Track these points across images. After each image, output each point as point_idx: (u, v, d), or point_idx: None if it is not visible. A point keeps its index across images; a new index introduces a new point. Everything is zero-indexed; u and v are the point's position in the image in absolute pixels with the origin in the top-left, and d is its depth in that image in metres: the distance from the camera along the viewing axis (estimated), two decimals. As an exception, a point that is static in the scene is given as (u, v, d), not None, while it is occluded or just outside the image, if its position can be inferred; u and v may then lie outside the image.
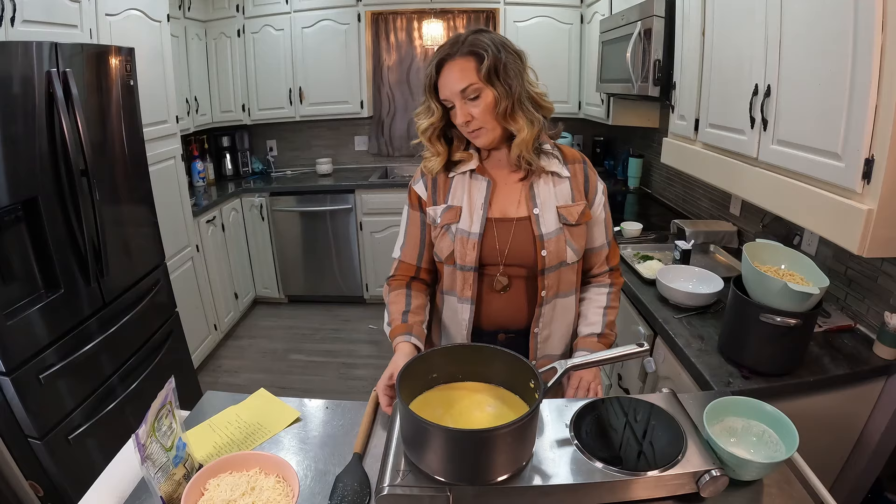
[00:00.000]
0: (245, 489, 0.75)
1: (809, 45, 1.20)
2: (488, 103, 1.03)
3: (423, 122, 1.10)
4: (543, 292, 1.12)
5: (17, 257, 1.51)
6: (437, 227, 1.15)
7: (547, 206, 1.11)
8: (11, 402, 1.46)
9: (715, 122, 1.65)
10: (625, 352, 0.89)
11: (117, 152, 1.94)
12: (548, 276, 1.11)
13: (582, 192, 1.15)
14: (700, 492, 0.76)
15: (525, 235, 1.11)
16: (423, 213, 1.18)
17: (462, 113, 1.04)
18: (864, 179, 1.06)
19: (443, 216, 1.14)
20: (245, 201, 3.54)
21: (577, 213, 1.13)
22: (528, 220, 1.11)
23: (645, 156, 3.13)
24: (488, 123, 1.05)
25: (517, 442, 0.74)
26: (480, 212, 1.11)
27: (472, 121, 1.05)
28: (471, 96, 1.02)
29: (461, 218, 1.12)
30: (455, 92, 1.03)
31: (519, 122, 1.05)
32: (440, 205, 1.15)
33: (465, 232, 1.11)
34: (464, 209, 1.12)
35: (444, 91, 1.05)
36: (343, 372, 2.99)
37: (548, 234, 1.10)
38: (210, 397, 1.07)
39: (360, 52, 3.52)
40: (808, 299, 1.14)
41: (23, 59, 1.47)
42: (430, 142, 1.12)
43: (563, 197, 1.13)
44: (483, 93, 1.02)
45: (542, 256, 1.10)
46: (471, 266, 1.11)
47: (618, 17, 2.40)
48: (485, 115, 1.04)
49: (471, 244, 1.10)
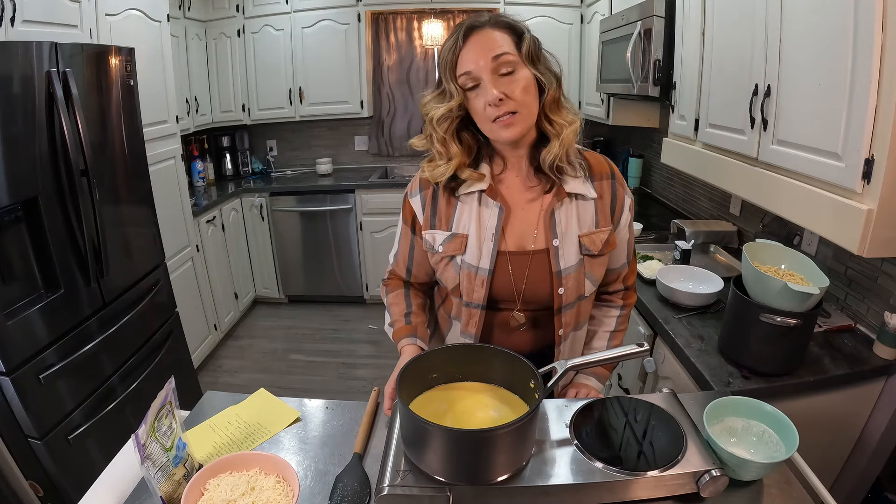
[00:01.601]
0: (245, 489, 0.75)
1: (810, 45, 1.20)
2: (527, 84, 0.86)
3: (439, 109, 0.89)
4: (561, 331, 1.00)
5: (17, 257, 1.51)
6: (439, 255, 0.99)
7: (568, 237, 0.96)
8: (11, 402, 1.46)
9: (715, 122, 1.65)
10: (625, 352, 0.89)
11: (117, 152, 1.94)
12: (565, 314, 0.99)
13: (608, 215, 0.99)
14: (700, 492, 0.76)
15: (542, 270, 0.96)
16: (416, 234, 1.04)
17: (493, 86, 0.84)
18: (864, 179, 1.06)
19: (445, 246, 0.97)
20: (245, 201, 3.54)
21: (601, 242, 0.98)
22: (546, 252, 0.96)
23: (645, 156, 3.13)
24: (527, 107, 0.87)
25: (517, 442, 0.74)
26: (491, 244, 0.95)
27: (506, 100, 0.85)
28: (506, 70, 0.84)
29: (467, 249, 0.96)
30: (485, 62, 0.84)
31: (565, 116, 0.90)
32: (441, 230, 0.98)
33: (472, 266, 0.96)
34: (471, 239, 0.96)
35: (467, 63, 0.85)
36: (343, 372, 2.99)
37: (567, 269, 0.96)
38: (210, 397, 1.07)
39: (360, 52, 3.52)
40: (808, 299, 1.14)
41: (23, 59, 1.47)
42: (444, 139, 0.92)
43: (586, 223, 0.97)
44: (519, 70, 0.85)
45: (560, 295, 0.96)
46: (478, 304, 0.97)
47: (618, 17, 2.40)
48: (524, 94, 0.85)
49: (479, 280, 0.96)
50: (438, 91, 0.91)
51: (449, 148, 0.93)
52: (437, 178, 0.95)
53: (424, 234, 1.01)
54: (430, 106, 0.92)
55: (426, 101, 0.93)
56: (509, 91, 0.85)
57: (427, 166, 0.97)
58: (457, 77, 0.87)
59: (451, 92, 0.88)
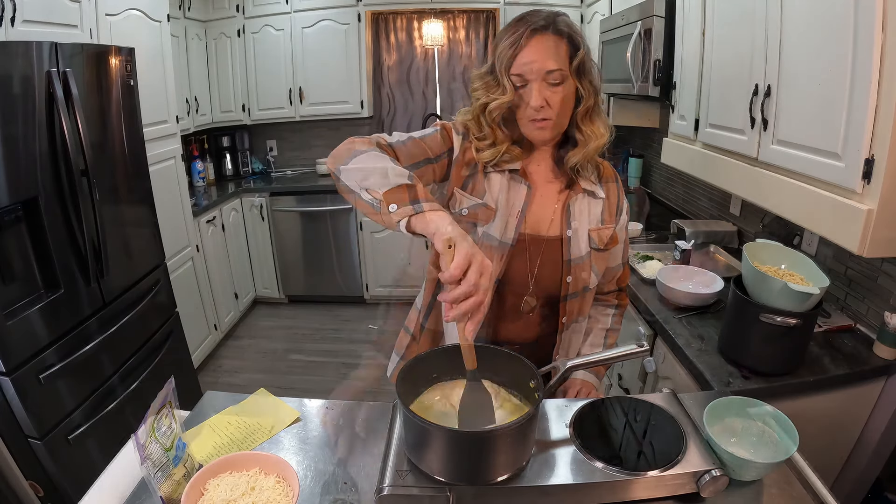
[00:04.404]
0: (245, 489, 0.75)
1: (810, 45, 1.20)
2: (567, 95, 0.93)
3: (495, 101, 0.94)
4: (564, 318, 1.05)
5: (17, 257, 1.51)
6: (459, 217, 0.99)
7: (580, 229, 1.03)
8: (11, 402, 1.46)
9: (715, 122, 1.65)
10: (625, 351, 0.89)
11: (117, 152, 1.94)
12: (569, 303, 1.04)
13: (613, 214, 1.08)
14: (700, 492, 0.76)
15: (553, 258, 1.01)
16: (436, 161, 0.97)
17: (538, 95, 0.91)
18: (864, 179, 1.06)
19: (471, 211, 0.99)
20: (245, 201, 3.54)
21: (607, 238, 1.05)
22: (560, 240, 1.02)
23: (645, 156, 3.13)
24: (561, 116, 0.95)
25: (518, 442, 0.74)
26: (515, 221, 0.99)
27: (546, 107, 0.93)
28: (554, 81, 0.91)
29: (495, 221, 0.99)
30: (542, 70, 0.90)
31: (596, 128, 0.97)
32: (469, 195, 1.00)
33: (494, 239, 0.99)
34: (499, 213, 0.99)
35: (524, 65, 0.91)
36: (343, 372, 2.99)
37: (577, 259, 1.02)
38: (210, 397, 1.07)
39: (360, 52, 3.52)
40: (809, 299, 1.14)
41: (23, 59, 1.47)
42: (493, 127, 0.98)
43: (595, 219, 1.05)
44: (566, 83, 0.92)
45: (567, 283, 1.02)
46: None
47: (618, 17, 2.40)
48: (562, 106, 0.93)
49: (499, 255, 0.98)
50: (491, 77, 0.96)
51: (496, 133, 0.99)
52: (484, 160, 0.99)
53: (456, 190, 1.01)
54: (482, 92, 0.97)
55: (477, 84, 0.98)
56: (551, 101, 0.92)
57: (476, 140, 1.00)
58: (511, 74, 0.93)
59: (505, 87, 0.93)
